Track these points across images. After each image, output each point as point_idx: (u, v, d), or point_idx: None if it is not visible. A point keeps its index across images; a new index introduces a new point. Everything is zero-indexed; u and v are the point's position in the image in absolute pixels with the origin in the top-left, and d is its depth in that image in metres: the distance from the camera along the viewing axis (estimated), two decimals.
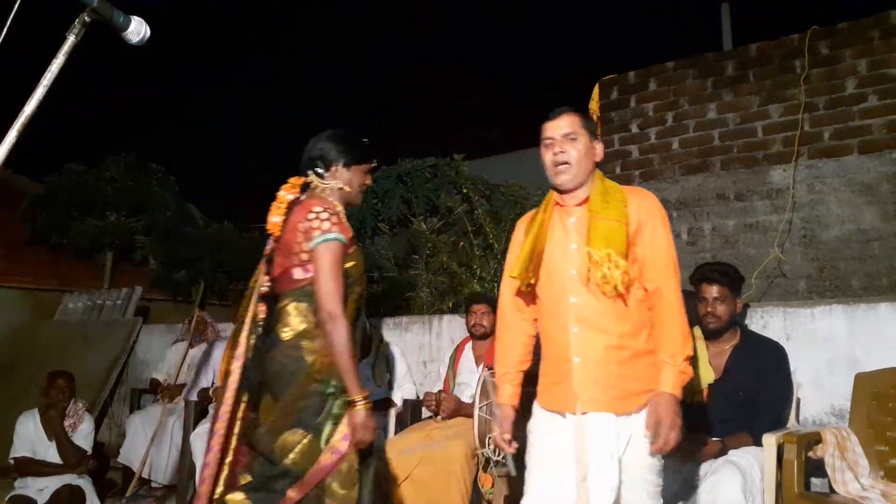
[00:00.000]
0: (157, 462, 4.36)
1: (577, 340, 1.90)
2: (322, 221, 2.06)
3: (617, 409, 1.87)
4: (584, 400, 1.87)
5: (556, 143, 1.97)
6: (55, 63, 1.27)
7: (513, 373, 2.12)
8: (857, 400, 2.67)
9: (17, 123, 1.24)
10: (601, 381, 1.88)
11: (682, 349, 1.86)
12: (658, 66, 4.69)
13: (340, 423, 2.03)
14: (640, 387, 1.88)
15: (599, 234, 1.87)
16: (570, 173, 1.96)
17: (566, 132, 1.97)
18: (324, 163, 2.21)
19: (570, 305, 1.92)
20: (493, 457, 2.78)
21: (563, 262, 1.95)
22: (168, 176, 7.90)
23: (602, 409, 1.87)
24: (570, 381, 1.90)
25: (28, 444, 3.81)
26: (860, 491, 2.40)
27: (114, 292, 6.50)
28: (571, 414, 1.90)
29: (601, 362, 1.88)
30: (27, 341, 6.29)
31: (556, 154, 1.96)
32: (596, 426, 1.86)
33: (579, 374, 1.89)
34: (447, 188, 5.48)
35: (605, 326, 1.89)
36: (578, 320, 1.91)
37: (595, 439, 1.85)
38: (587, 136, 1.99)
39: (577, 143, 1.96)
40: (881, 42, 3.92)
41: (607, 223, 1.88)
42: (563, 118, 1.99)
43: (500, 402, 2.13)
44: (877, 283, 3.77)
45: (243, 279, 8.12)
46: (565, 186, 1.98)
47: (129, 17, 1.38)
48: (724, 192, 4.33)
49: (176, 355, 4.88)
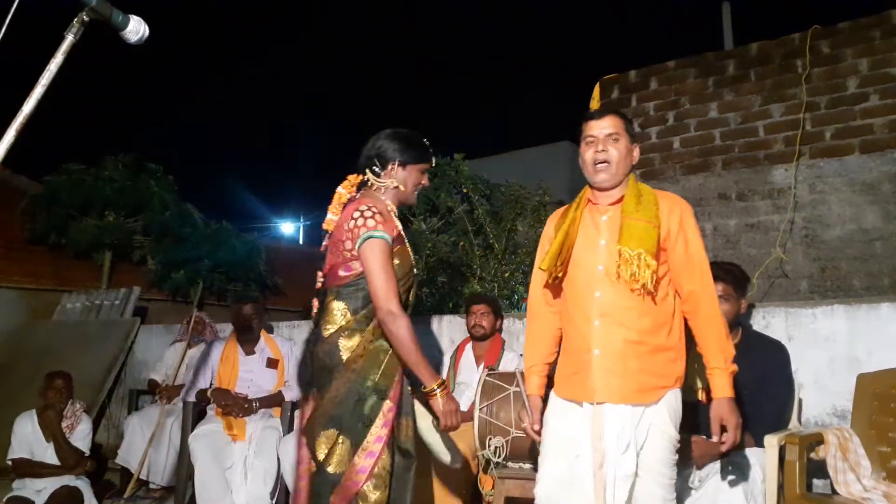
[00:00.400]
0: (155, 463, 4.35)
1: (598, 333, 1.97)
2: (366, 220, 2.07)
3: (633, 401, 1.93)
4: (601, 390, 1.94)
5: (598, 142, 2.03)
6: (54, 62, 1.26)
7: (540, 364, 2.19)
8: (859, 400, 2.66)
9: (15, 123, 1.23)
10: (619, 374, 1.94)
11: (728, 352, 1.98)
12: (659, 65, 4.69)
13: (373, 425, 2.04)
14: (658, 381, 1.95)
15: (632, 234, 1.93)
16: (609, 172, 2.02)
17: (609, 132, 2.03)
18: (380, 161, 2.21)
19: (595, 300, 1.99)
20: (493, 458, 2.78)
21: (592, 258, 2.02)
22: (167, 176, 7.89)
23: (618, 400, 1.93)
24: (589, 372, 1.97)
25: (26, 445, 3.80)
26: (862, 492, 2.39)
27: (112, 292, 6.48)
28: (588, 403, 1.97)
29: (620, 355, 1.95)
30: (25, 341, 6.28)
31: (597, 152, 2.02)
32: (612, 416, 1.93)
33: (598, 366, 1.96)
34: (447, 188, 5.49)
35: (627, 321, 1.95)
36: (601, 314, 1.97)
37: (612, 428, 1.92)
38: (628, 138, 2.06)
39: (618, 144, 2.03)
40: (882, 41, 3.92)
41: (640, 224, 1.95)
42: (607, 118, 2.05)
43: (529, 392, 2.20)
44: (878, 283, 3.76)
45: (241, 279, 8.16)
46: (603, 185, 2.04)
47: (127, 16, 1.37)
48: (726, 192, 4.33)
49: (174, 356, 4.86)
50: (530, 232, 5.24)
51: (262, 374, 3.92)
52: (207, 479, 3.48)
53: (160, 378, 4.87)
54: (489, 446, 2.79)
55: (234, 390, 3.84)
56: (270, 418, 3.83)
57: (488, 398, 2.81)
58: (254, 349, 3.97)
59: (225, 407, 3.76)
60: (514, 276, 5.06)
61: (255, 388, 3.87)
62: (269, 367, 3.95)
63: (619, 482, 1.88)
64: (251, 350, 3.97)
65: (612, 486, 1.88)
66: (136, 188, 7.46)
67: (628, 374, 1.94)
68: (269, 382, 3.92)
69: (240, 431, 3.68)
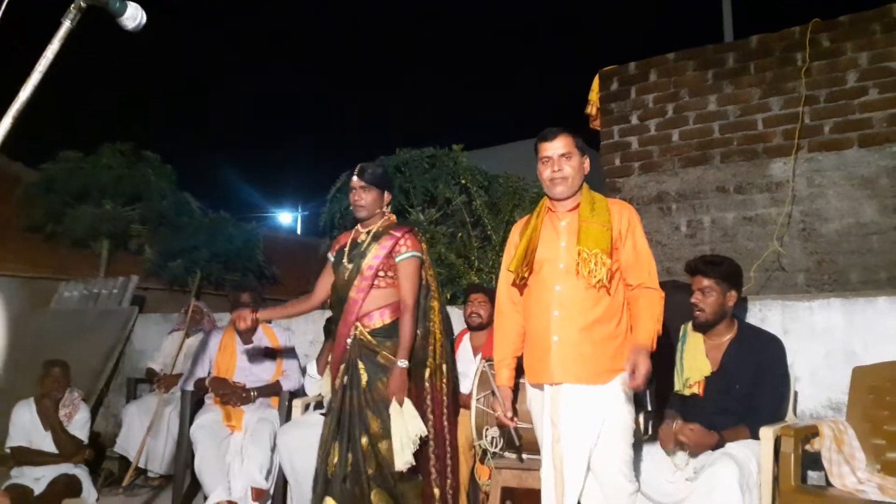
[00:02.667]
0: (153, 452, 4.36)
1: (556, 322, 2.26)
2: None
3: (588, 381, 2.22)
4: (558, 371, 2.24)
5: (553, 162, 2.34)
6: (50, 49, 1.26)
7: (509, 358, 2.47)
8: (855, 393, 2.67)
9: (12, 109, 1.23)
10: (575, 358, 2.23)
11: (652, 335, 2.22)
12: (658, 57, 4.67)
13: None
14: (611, 364, 2.23)
15: (589, 236, 2.24)
16: (565, 185, 2.34)
17: (562, 152, 2.33)
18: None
19: (555, 293, 2.28)
20: (491, 448, 2.79)
21: (553, 257, 2.32)
22: (164, 164, 7.86)
23: (574, 380, 2.22)
24: (548, 357, 2.25)
25: (24, 433, 3.81)
26: (857, 484, 2.40)
27: (110, 281, 6.47)
28: (549, 385, 2.27)
29: (576, 342, 2.23)
30: (22, 330, 6.27)
31: (554, 171, 2.33)
32: (568, 394, 2.22)
33: (556, 351, 2.25)
34: (445, 179, 5.47)
35: (582, 311, 2.25)
36: (560, 305, 2.27)
37: (567, 405, 2.21)
38: (579, 154, 2.36)
39: (571, 161, 2.34)
40: (882, 35, 3.91)
41: (595, 227, 2.25)
42: (559, 139, 2.34)
43: (500, 384, 2.47)
44: (875, 277, 3.77)
45: (239, 269, 8.16)
46: (560, 197, 2.36)
47: (125, 2, 1.37)
48: (724, 185, 4.33)
49: (172, 345, 4.86)
50: None
51: (259, 364, 3.93)
52: (206, 466, 3.51)
53: (158, 367, 4.88)
54: (486, 436, 2.80)
55: (232, 379, 3.85)
56: (268, 408, 3.84)
57: (485, 388, 2.81)
58: (251, 339, 3.97)
59: (223, 396, 3.77)
60: None
61: (253, 378, 3.88)
62: (267, 357, 3.96)
63: (576, 454, 2.15)
64: (249, 339, 3.97)
65: (570, 458, 2.15)
66: (133, 176, 7.44)
67: (583, 359, 2.22)
68: (266, 372, 3.93)
69: (237, 422, 3.70)
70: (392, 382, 2.73)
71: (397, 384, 2.72)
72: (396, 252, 2.84)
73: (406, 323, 2.78)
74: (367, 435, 2.72)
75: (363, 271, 2.81)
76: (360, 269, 2.82)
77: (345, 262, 2.88)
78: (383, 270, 2.82)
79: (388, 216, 2.97)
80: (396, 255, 2.84)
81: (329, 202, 5.79)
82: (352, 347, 2.81)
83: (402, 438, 2.66)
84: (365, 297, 2.81)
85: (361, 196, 2.88)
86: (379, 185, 2.90)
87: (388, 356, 2.77)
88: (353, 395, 2.77)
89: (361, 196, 2.88)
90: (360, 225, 2.96)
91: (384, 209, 2.95)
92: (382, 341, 2.79)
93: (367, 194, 2.88)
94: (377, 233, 2.89)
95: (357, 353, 2.79)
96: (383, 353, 2.78)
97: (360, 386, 2.77)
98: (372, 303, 2.81)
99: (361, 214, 2.90)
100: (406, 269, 2.83)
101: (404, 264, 2.83)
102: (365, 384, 2.76)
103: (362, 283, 2.81)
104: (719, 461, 2.34)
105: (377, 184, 2.89)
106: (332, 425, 2.80)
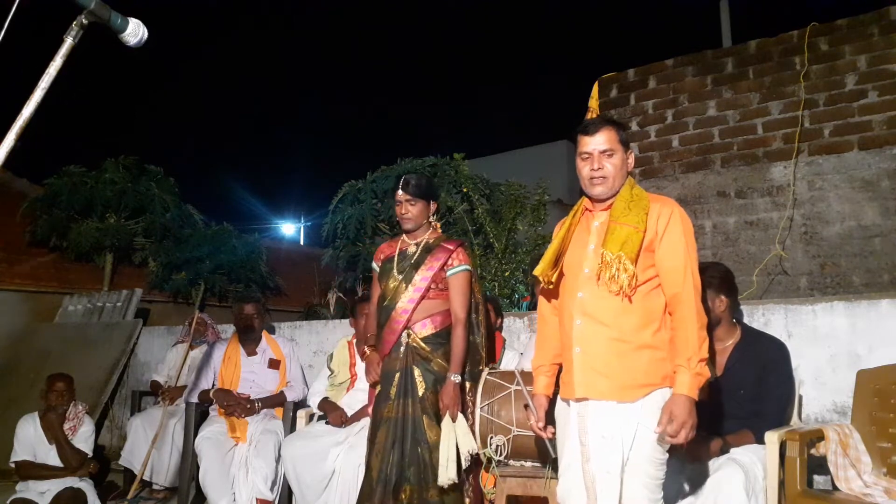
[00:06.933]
0: (158, 464, 4.35)
1: (579, 332, 2.04)
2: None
3: (617, 398, 1.97)
4: (582, 386, 2.01)
5: (594, 159, 2.09)
6: (53, 65, 1.27)
7: (547, 365, 2.27)
8: (860, 397, 2.66)
9: (15, 126, 1.23)
10: (601, 371, 1.99)
11: (697, 352, 1.91)
12: (657, 63, 4.69)
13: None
14: (643, 379, 1.98)
15: (615, 238, 1.99)
16: (605, 185, 2.09)
17: (603, 148, 2.08)
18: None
19: (578, 300, 2.06)
20: (495, 457, 2.78)
21: (580, 261, 2.10)
22: (167, 177, 7.90)
23: (600, 396, 1.99)
24: (572, 370, 2.05)
25: (29, 447, 3.81)
26: (863, 488, 2.39)
27: (114, 294, 6.48)
28: (574, 401, 2.05)
29: (602, 353, 2.00)
30: (27, 344, 6.29)
31: (593, 169, 2.09)
32: (595, 412, 1.99)
33: (580, 363, 2.03)
34: (447, 187, 5.48)
35: (608, 320, 2.00)
36: (583, 313, 2.04)
37: (595, 424, 1.98)
38: (622, 149, 2.10)
39: (613, 159, 2.08)
40: (881, 38, 3.92)
41: (625, 228, 2.00)
42: (600, 133, 2.09)
43: (535, 392, 2.27)
44: (878, 280, 3.76)
45: (242, 280, 8.15)
46: (600, 198, 2.12)
47: (126, 18, 1.37)
48: (725, 190, 4.33)
49: (176, 357, 4.87)
50: (530, 231, 5.24)
51: (264, 375, 3.93)
52: (211, 477, 3.51)
53: (162, 379, 4.88)
54: (490, 444, 2.79)
55: (237, 391, 3.85)
56: (273, 419, 3.83)
57: (489, 396, 2.81)
58: (255, 350, 3.98)
59: (227, 407, 3.77)
60: (515, 275, 5.06)
61: (258, 389, 3.88)
62: (271, 368, 3.96)
63: (607, 477, 1.92)
64: (253, 351, 3.98)
65: (601, 482, 1.93)
66: (136, 190, 7.48)
67: (610, 372, 1.98)
68: (271, 383, 3.93)
69: (242, 434, 3.70)
70: (445, 397, 2.74)
71: (451, 398, 2.73)
72: (449, 266, 2.85)
73: (458, 336, 2.79)
74: (423, 443, 2.73)
75: (416, 283, 2.83)
76: (412, 281, 2.84)
77: (394, 273, 2.89)
78: (435, 283, 2.84)
79: (434, 227, 2.99)
80: (448, 269, 2.85)
81: (331, 212, 5.80)
82: (405, 355, 2.82)
83: (448, 454, 2.65)
84: (415, 307, 2.82)
85: (408, 209, 2.88)
86: (425, 196, 2.91)
87: (441, 364, 2.79)
88: (409, 402, 2.78)
89: (408, 209, 2.88)
90: (406, 235, 2.97)
91: (431, 219, 2.97)
92: (434, 349, 2.81)
93: (414, 207, 2.88)
94: (428, 245, 2.90)
95: (412, 360, 2.81)
96: (437, 361, 2.80)
97: (417, 394, 2.78)
98: (422, 312, 2.83)
99: (409, 227, 2.91)
100: (458, 283, 2.84)
101: (457, 278, 2.84)
102: (422, 393, 2.78)
103: (414, 293, 2.82)
104: (725, 467, 2.33)
105: (423, 195, 2.89)
106: (389, 433, 2.78)
